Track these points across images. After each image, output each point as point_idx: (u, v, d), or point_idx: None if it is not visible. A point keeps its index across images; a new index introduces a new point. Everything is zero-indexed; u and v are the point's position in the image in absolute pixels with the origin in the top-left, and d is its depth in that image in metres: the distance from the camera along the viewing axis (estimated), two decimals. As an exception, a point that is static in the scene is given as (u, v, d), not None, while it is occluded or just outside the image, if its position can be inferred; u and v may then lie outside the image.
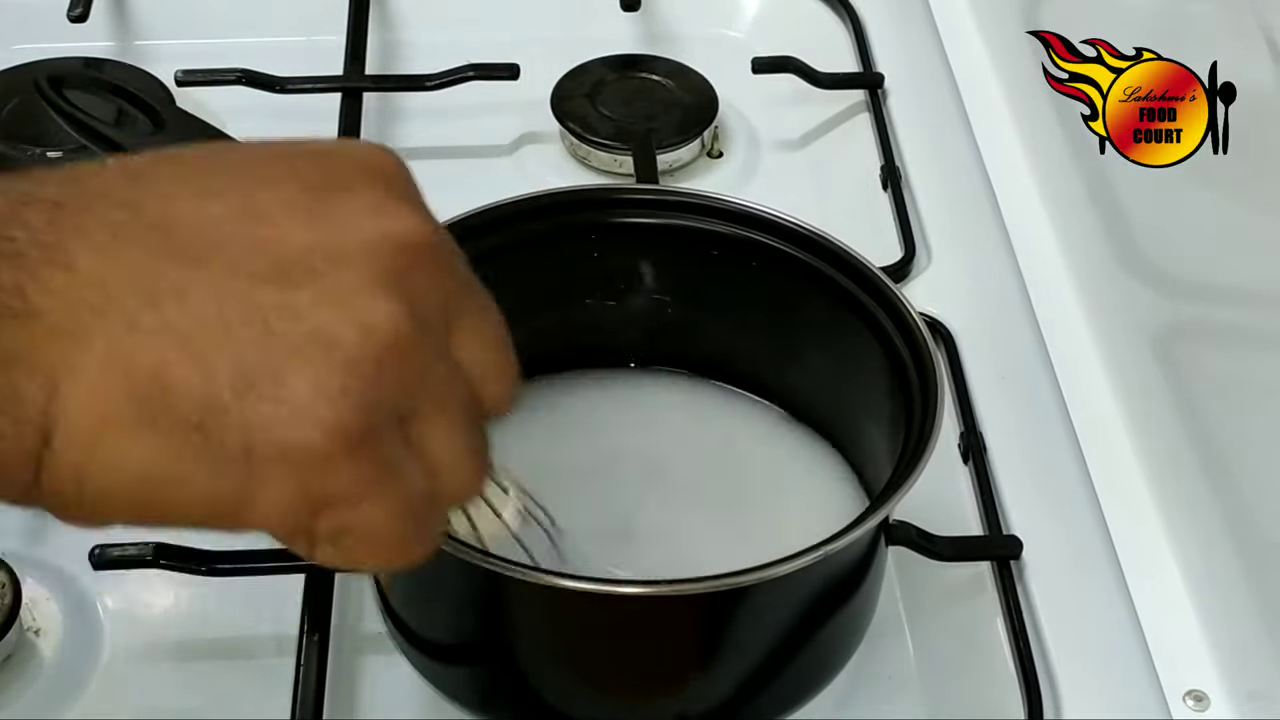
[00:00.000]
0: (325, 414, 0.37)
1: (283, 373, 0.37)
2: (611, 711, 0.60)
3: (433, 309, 0.40)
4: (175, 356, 0.36)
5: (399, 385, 0.38)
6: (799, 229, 0.65)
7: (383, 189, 0.40)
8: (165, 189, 0.39)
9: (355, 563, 0.40)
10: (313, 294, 0.37)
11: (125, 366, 0.36)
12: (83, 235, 0.37)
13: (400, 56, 0.97)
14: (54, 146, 0.84)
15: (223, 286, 0.37)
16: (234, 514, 0.38)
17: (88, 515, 0.38)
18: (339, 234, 0.39)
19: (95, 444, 0.36)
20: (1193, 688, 0.63)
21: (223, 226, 0.38)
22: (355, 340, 0.37)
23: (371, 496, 0.38)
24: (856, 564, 0.59)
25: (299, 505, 0.38)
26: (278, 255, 0.38)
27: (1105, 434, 0.72)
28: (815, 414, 0.69)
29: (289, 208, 0.39)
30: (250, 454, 0.37)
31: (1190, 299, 0.74)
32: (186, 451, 0.37)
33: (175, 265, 0.37)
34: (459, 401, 0.40)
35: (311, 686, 0.61)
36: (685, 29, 0.99)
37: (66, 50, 0.93)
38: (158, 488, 0.37)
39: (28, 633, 0.65)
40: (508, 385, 0.42)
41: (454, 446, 0.40)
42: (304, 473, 0.37)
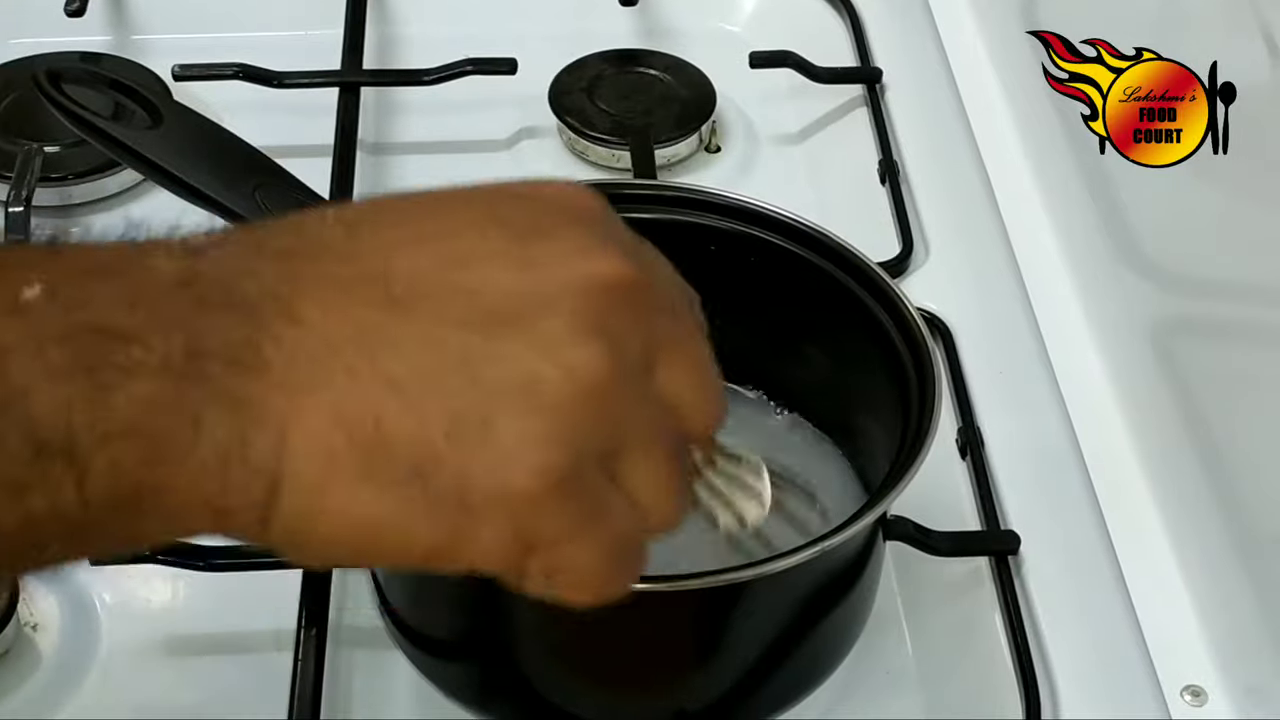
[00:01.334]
0: (533, 459, 0.38)
1: (491, 419, 0.38)
2: (610, 708, 0.60)
3: (635, 348, 0.40)
4: (392, 407, 0.38)
5: (602, 427, 0.39)
6: (797, 224, 0.65)
7: (584, 230, 0.41)
8: (380, 240, 0.40)
9: (565, 598, 0.41)
10: (517, 340, 0.39)
11: (347, 418, 0.38)
12: (307, 288, 0.38)
13: (398, 51, 0.96)
14: (52, 141, 0.84)
15: (432, 335, 0.39)
16: (451, 556, 0.39)
17: (312, 559, 0.40)
18: (542, 279, 0.40)
19: (320, 494, 0.38)
20: (1190, 682, 0.63)
21: (432, 276, 0.39)
22: (559, 385, 0.39)
23: (579, 536, 0.40)
24: (854, 559, 0.59)
25: (512, 546, 0.39)
26: (484, 302, 0.39)
27: (1103, 430, 0.72)
28: (813, 409, 0.69)
29: (494, 255, 0.40)
30: (465, 499, 0.38)
31: (1189, 295, 0.74)
32: (405, 499, 0.38)
33: (389, 316, 0.38)
34: (661, 438, 0.41)
35: (309, 682, 0.61)
36: (683, 24, 0.99)
37: (64, 45, 0.93)
38: (379, 534, 0.39)
39: (25, 628, 0.65)
40: (711, 416, 0.43)
41: (656, 483, 0.41)
42: (515, 516, 0.39)
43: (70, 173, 0.84)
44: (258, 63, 0.89)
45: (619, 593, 0.42)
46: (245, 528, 0.38)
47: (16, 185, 0.82)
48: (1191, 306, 0.74)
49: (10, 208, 0.81)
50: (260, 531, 0.38)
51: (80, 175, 0.85)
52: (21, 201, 0.81)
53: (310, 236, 0.40)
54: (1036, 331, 0.76)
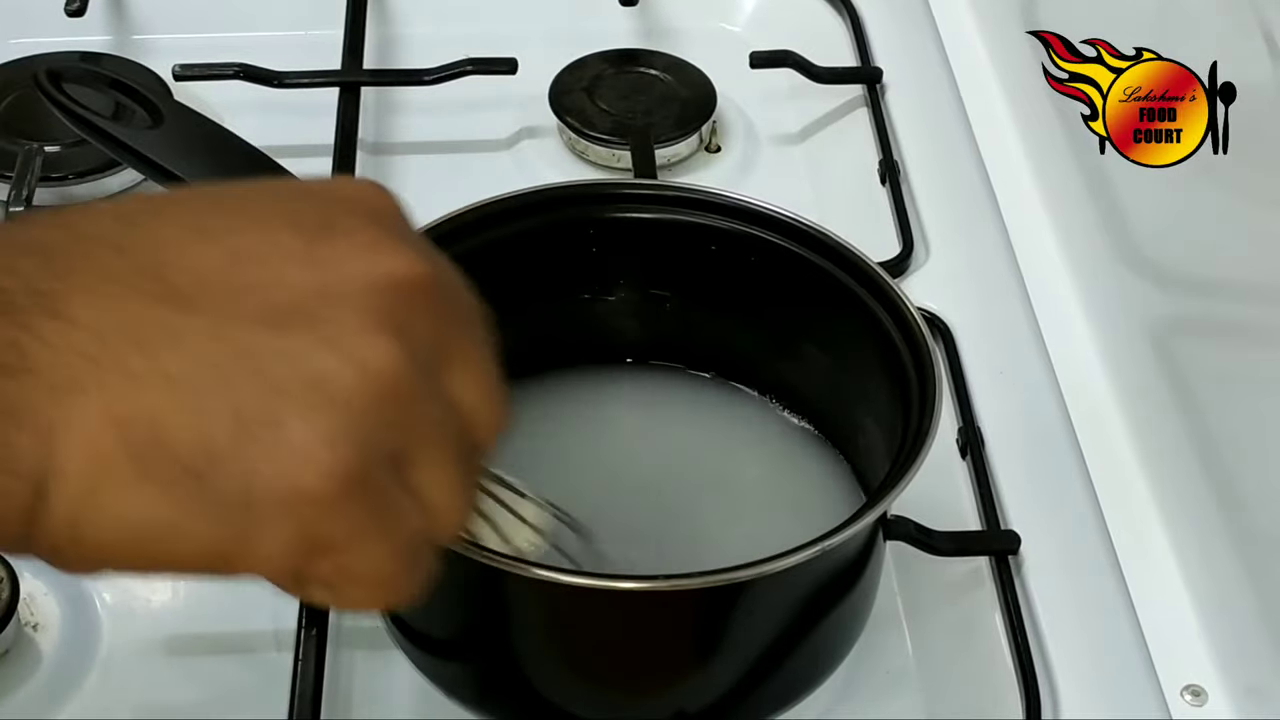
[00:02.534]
0: (323, 458, 0.37)
1: (279, 418, 0.37)
2: (609, 707, 0.60)
3: (427, 347, 0.39)
4: (170, 406, 0.36)
5: (394, 426, 0.38)
6: (797, 224, 0.65)
7: (376, 227, 0.40)
8: (157, 233, 0.38)
9: (349, 603, 0.40)
10: (307, 337, 0.37)
11: (121, 418, 0.36)
12: (76, 283, 0.37)
13: (398, 51, 0.96)
14: (52, 140, 0.84)
15: (216, 332, 0.37)
16: (231, 561, 0.38)
17: (84, 567, 0.38)
18: (333, 275, 0.38)
19: (90, 498, 0.36)
20: (1190, 682, 0.63)
21: (215, 271, 0.38)
22: (351, 383, 0.37)
23: (368, 539, 0.38)
24: (854, 559, 0.59)
25: (296, 550, 0.38)
26: (271, 299, 0.38)
27: (1103, 430, 0.72)
28: (813, 409, 0.69)
29: (282, 250, 0.39)
30: (248, 501, 0.37)
31: (1189, 295, 0.74)
32: (184, 501, 0.37)
33: (169, 311, 0.37)
34: (451, 439, 0.40)
35: (310, 682, 0.61)
36: (683, 23, 0.99)
37: (64, 44, 0.93)
38: (155, 539, 0.37)
39: (26, 628, 0.65)
40: (497, 421, 0.42)
41: (446, 485, 0.40)
42: (302, 517, 0.37)
43: (71, 173, 0.84)
44: (258, 63, 0.89)
45: (404, 598, 0.40)
46: (13, 535, 0.37)
47: (17, 185, 0.82)
48: (1191, 306, 0.74)
49: (11, 208, 0.81)
50: (27, 540, 0.37)
51: (81, 175, 0.85)
52: (22, 201, 0.81)
53: (80, 230, 0.38)
54: (1036, 331, 0.76)
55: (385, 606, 0.40)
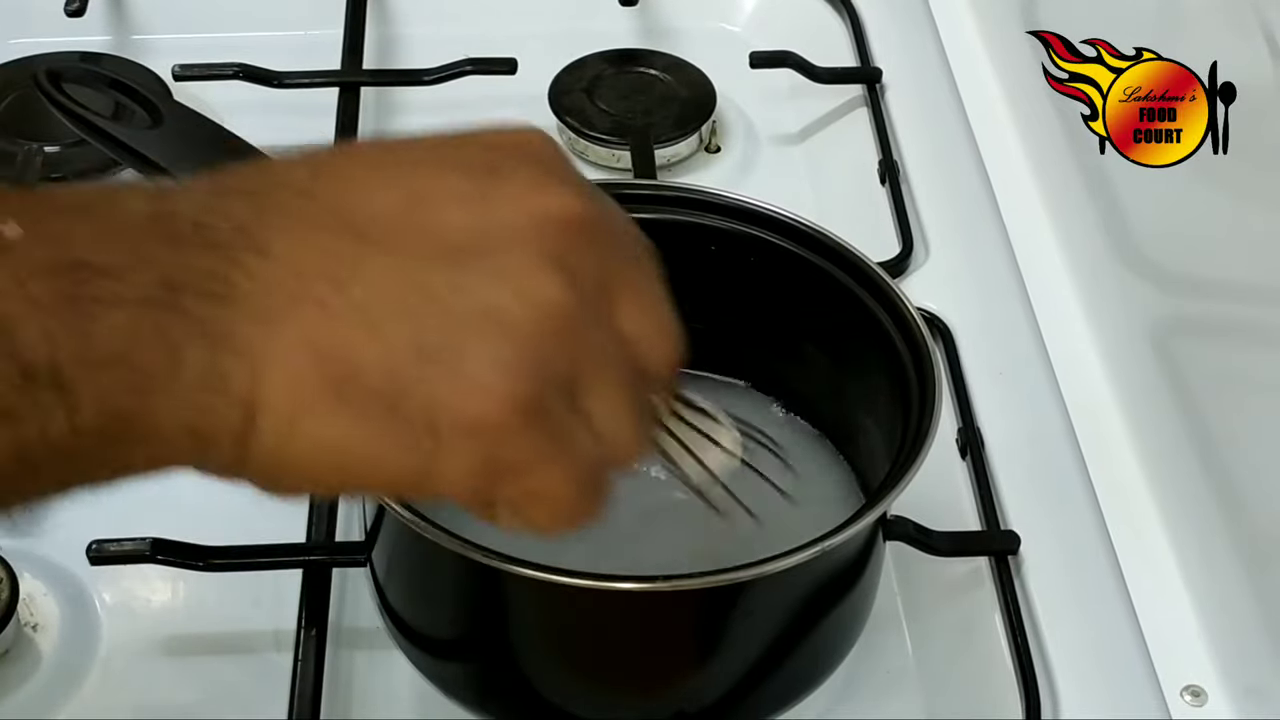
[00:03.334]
0: (500, 387, 0.39)
1: (459, 348, 0.39)
2: (609, 708, 0.60)
3: (593, 281, 0.41)
4: (361, 336, 0.39)
5: (565, 356, 0.40)
6: (797, 224, 0.65)
7: (539, 169, 0.42)
8: (344, 180, 0.41)
9: (533, 525, 0.42)
10: (480, 272, 0.40)
11: (318, 347, 0.39)
12: (274, 223, 0.39)
13: (398, 51, 0.96)
14: (52, 140, 0.84)
15: (397, 267, 0.39)
16: (421, 483, 0.40)
17: (288, 488, 0.41)
18: (501, 215, 0.41)
19: (295, 422, 0.39)
20: (1190, 683, 0.63)
21: (394, 212, 0.40)
22: (522, 315, 0.40)
23: (546, 463, 0.41)
24: (854, 559, 0.59)
25: (481, 473, 0.40)
26: (445, 237, 0.40)
27: (1103, 430, 0.72)
28: (813, 409, 0.69)
29: (454, 193, 0.41)
30: (434, 426, 0.39)
31: (1189, 295, 0.74)
32: (377, 427, 0.39)
33: (355, 247, 0.40)
34: (621, 369, 0.42)
35: (309, 682, 0.61)
36: (683, 23, 0.99)
37: (64, 45, 0.93)
38: (353, 461, 0.39)
39: (25, 628, 0.65)
40: (669, 351, 0.44)
41: (618, 413, 0.42)
42: (484, 443, 0.39)
43: (70, 173, 0.84)
44: (258, 63, 0.89)
45: (587, 520, 0.42)
46: (226, 455, 0.39)
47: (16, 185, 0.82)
48: (1191, 306, 0.74)
49: (10, 208, 0.81)
50: (240, 460, 0.39)
51: (80, 175, 0.84)
52: (21, 201, 0.81)
53: (276, 177, 0.42)
54: (1036, 331, 0.76)
55: (569, 527, 0.42)
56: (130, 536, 0.63)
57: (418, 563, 0.60)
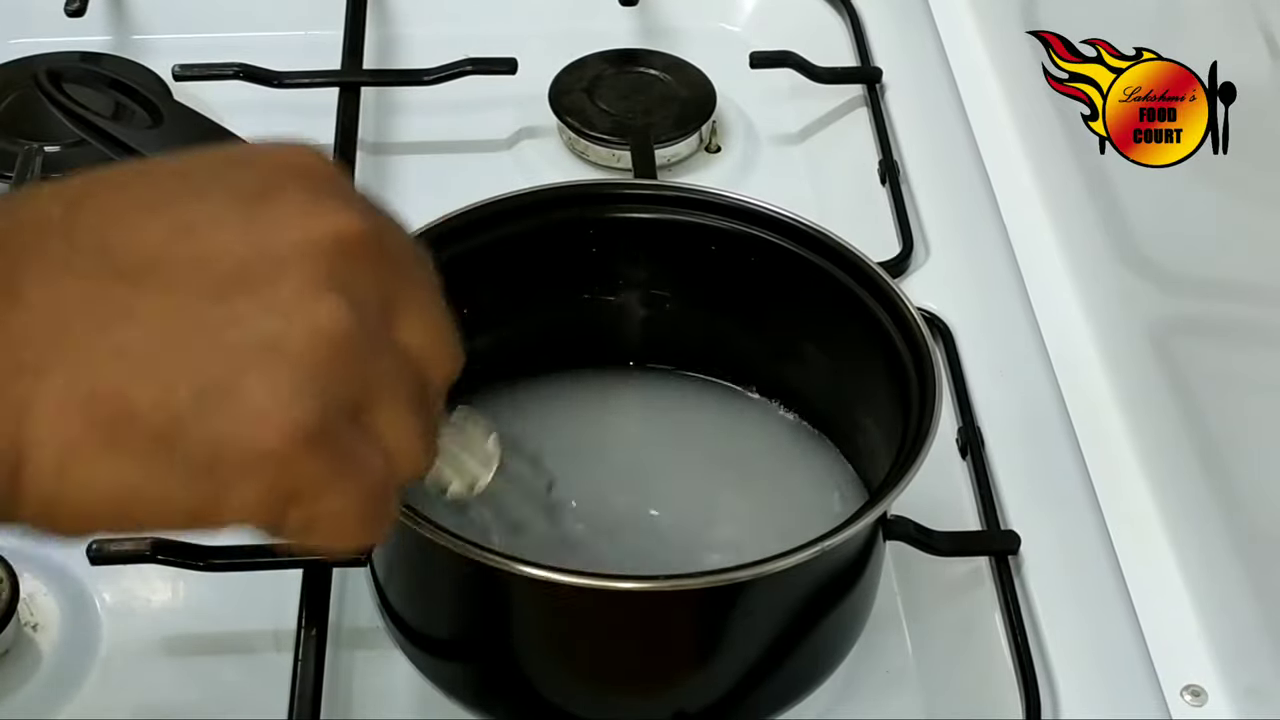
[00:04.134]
0: (282, 417, 0.38)
1: (237, 382, 0.38)
2: (609, 707, 0.60)
3: (372, 300, 0.41)
4: (132, 378, 0.38)
5: (347, 379, 0.40)
6: (797, 224, 0.65)
7: (311, 189, 0.41)
8: (100, 214, 0.40)
9: (322, 546, 0.42)
10: (255, 302, 0.39)
11: (85, 395, 0.37)
12: (26, 268, 0.38)
13: (398, 51, 0.96)
14: (52, 140, 0.84)
15: (168, 304, 0.38)
16: (208, 518, 0.39)
17: (67, 532, 0.39)
18: (273, 240, 0.40)
19: (64, 472, 0.38)
20: (1190, 683, 0.63)
21: (159, 245, 0.39)
22: (301, 342, 0.39)
23: (334, 487, 0.40)
24: (854, 559, 0.59)
25: (269, 503, 0.39)
26: (216, 268, 0.39)
27: (1103, 430, 0.72)
28: (813, 409, 0.69)
29: (221, 221, 0.40)
30: (216, 462, 0.38)
31: (1189, 295, 0.74)
32: (154, 467, 0.38)
33: (119, 288, 0.38)
34: (405, 386, 0.42)
35: (309, 682, 0.61)
36: (683, 23, 0.99)
37: (64, 45, 0.93)
38: (132, 503, 0.39)
39: (25, 628, 0.65)
40: (450, 363, 0.44)
41: (403, 430, 0.42)
42: (269, 474, 0.39)
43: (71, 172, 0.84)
44: (258, 63, 0.89)
45: (375, 538, 0.42)
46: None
47: (17, 185, 0.82)
48: (1191, 306, 0.74)
49: (10, 208, 0.81)
50: (9, 512, 0.38)
51: (80, 175, 0.84)
52: (21, 201, 0.81)
53: (26, 217, 0.40)
54: (1036, 331, 0.76)
55: (357, 546, 0.42)
56: (130, 536, 0.63)
57: (418, 563, 0.60)
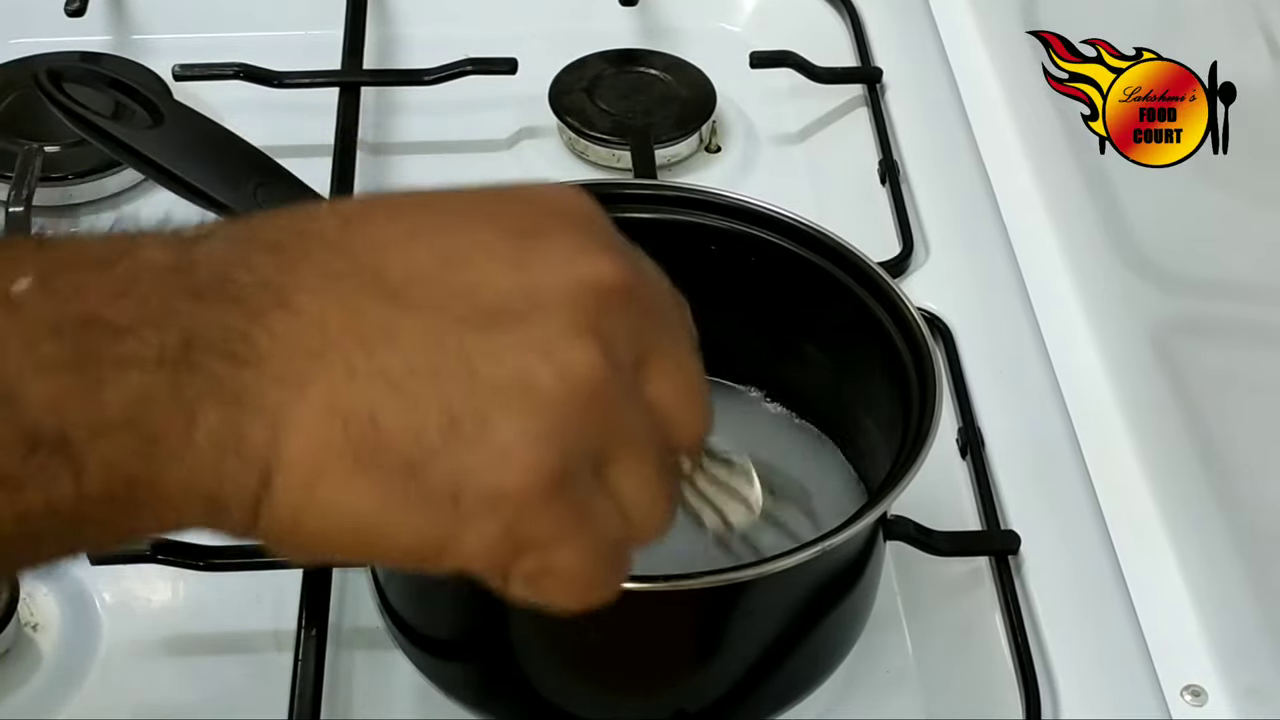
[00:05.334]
0: (527, 459, 0.38)
1: (488, 417, 0.38)
2: (609, 707, 0.60)
3: (627, 351, 0.40)
4: (388, 401, 0.38)
5: (595, 429, 0.39)
6: (797, 224, 0.65)
7: (579, 232, 0.41)
8: (375, 234, 0.40)
9: (548, 601, 0.41)
10: (514, 338, 0.39)
11: (342, 411, 0.37)
12: (301, 279, 0.38)
13: (398, 51, 0.96)
14: (52, 140, 0.84)
15: (430, 330, 0.38)
16: (440, 555, 0.39)
17: (301, 554, 0.40)
18: (538, 279, 0.40)
19: (312, 487, 0.38)
20: (1190, 683, 0.63)
21: (429, 271, 0.39)
22: (554, 385, 0.38)
23: (569, 540, 0.40)
24: (855, 559, 0.60)
25: (501, 546, 0.39)
26: (481, 300, 0.39)
27: (1103, 430, 0.72)
28: (813, 409, 0.69)
29: (491, 253, 0.40)
30: (457, 497, 0.38)
31: (1189, 295, 0.74)
32: (398, 495, 0.38)
33: (385, 307, 0.38)
34: (650, 444, 0.41)
35: (309, 682, 0.61)
36: (683, 23, 0.99)
37: (64, 44, 0.93)
38: (370, 530, 0.38)
39: (26, 628, 0.65)
40: (698, 427, 0.43)
41: (644, 490, 0.41)
42: (507, 515, 0.38)
43: (71, 172, 0.84)
44: (258, 63, 0.89)
45: (603, 598, 0.41)
46: (238, 521, 0.38)
47: (17, 185, 0.82)
48: (1191, 306, 0.74)
49: (10, 208, 0.81)
50: (251, 524, 0.38)
51: (81, 175, 0.85)
52: (22, 201, 0.81)
53: (305, 229, 0.40)
54: (1036, 331, 0.76)
55: (585, 605, 0.41)
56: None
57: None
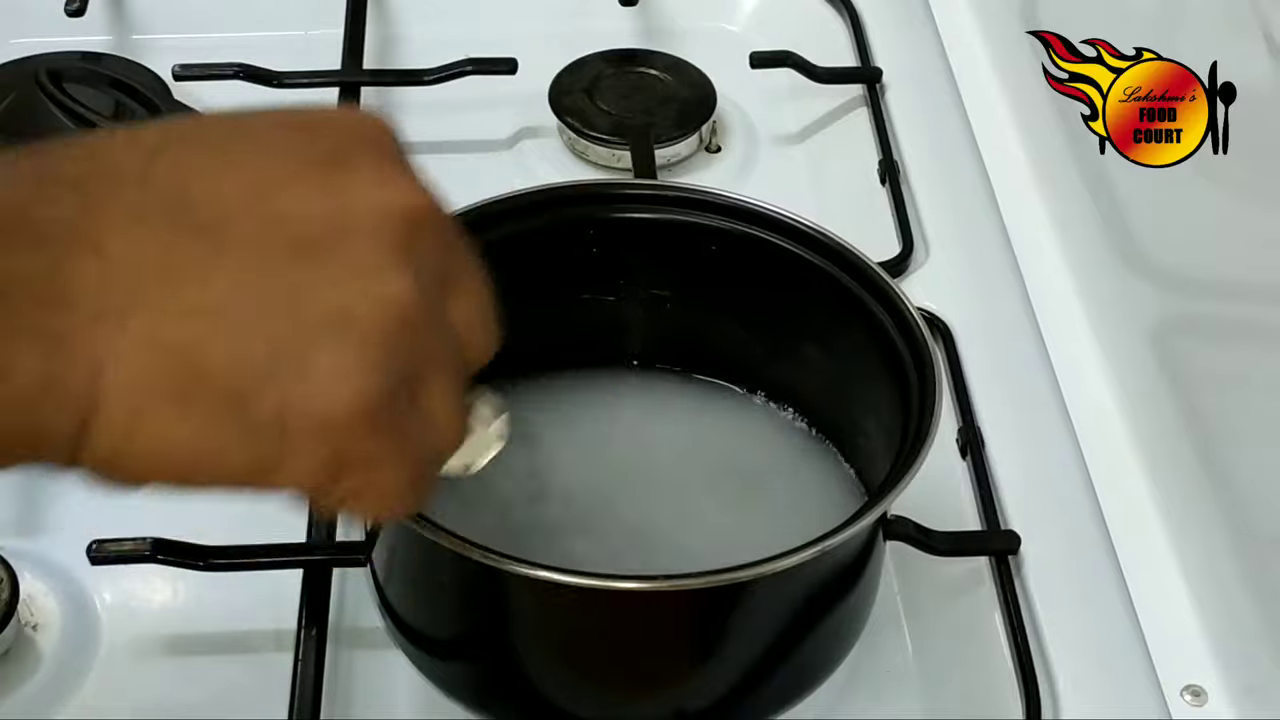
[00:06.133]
0: (349, 389, 0.39)
1: (308, 348, 0.39)
2: (609, 707, 0.60)
3: (433, 274, 0.42)
4: (209, 336, 0.38)
5: (410, 352, 0.41)
6: (797, 224, 0.65)
7: (384, 159, 0.42)
8: (179, 164, 0.40)
9: (364, 513, 0.44)
10: (329, 270, 0.39)
11: (162, 348, 0.38)
12: (109, 218, 0.38)
13: (398, 51, 0.97)
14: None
15: (245, 264, 0.39)
16: (265, 480, 0.40)
17: (125, 483, 0.40)
18: (347, 206, 0.40)
19: (134, 423, 0.38)
20: (1190, 682, 0.63)
21: (238, 204, 0.39)
22: (371, 313, 0.40)
23: (388, 460, 0.41)
24: (854, 559, 0.59)
25: (325, 470, 0.40)
26: (293, 230, 0.40)
27: (1103, 429, 0.72)
28: (813, 409, 0.69)
29: (299, 181, 0.40)
30: (282, 426, 0.39)
31: (1189, 295, 0.74)
32: (222, 426, 0.39)
33: (198, 243, 0.39)
34: (453, 362, 0.43)
35: (309, 681, 0.61)
36: (683, 23, 0.99)
37: (64, 44, 0.92)
38: (196, 462, 0.39)
39: (25, 628, 0.65)
40: (491, 343, 0.45)
41: (449, 406, 0.43)
42: (331, 442, 0.40)
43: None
44: (258, 63, 0.89)
45: (413, 508, 0.44)
46: (63, 457, 0.38)
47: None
48: (1191, 306, 0.74)
49: (10, 208, 0.81)
50: (75, 459, 0.39)
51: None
52: (21, 201, 0.81)
53: (107, 162, 0.40)
54: (1036, 331, 0.76)
55: (399, 515, 0.45)
56: (130, 536, 0.63)
57: (418, 563, 0.60)
